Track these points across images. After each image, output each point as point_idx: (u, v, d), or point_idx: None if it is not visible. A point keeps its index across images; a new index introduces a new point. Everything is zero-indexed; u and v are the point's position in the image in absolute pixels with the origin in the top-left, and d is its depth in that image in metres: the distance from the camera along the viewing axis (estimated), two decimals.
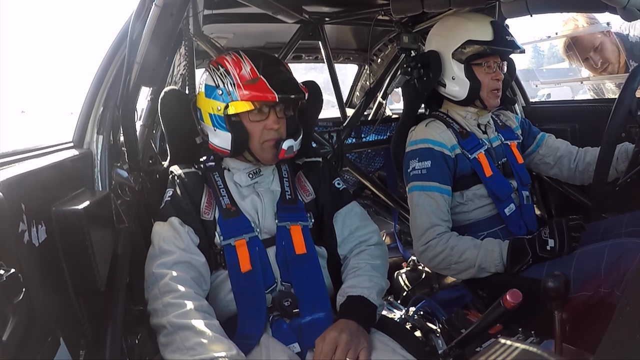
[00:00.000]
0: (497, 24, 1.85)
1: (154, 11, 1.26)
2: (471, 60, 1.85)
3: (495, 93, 1.87)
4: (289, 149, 1.43)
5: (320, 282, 1.43)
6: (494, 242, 1.73)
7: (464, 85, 1.86)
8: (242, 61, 1.41)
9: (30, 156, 1.24)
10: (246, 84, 1.37)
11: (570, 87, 3.78)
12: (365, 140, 2.69)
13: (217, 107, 1.40)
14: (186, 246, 1.34)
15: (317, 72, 3.47)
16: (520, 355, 0.72)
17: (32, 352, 0.93)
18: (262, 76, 1.36)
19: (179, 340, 1.15)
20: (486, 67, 1.85)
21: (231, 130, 1.40)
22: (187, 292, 1.24)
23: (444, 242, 1.74)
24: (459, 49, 1.85)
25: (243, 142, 1.42)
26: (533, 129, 2.14)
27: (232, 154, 1.44)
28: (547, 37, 2.86)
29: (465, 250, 1.72)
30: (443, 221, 1.78)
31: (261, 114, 1.41)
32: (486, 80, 1.85)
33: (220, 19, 2.22)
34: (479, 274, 1.72)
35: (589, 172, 1.95)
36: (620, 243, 1.53)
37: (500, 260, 1.68)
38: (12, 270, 0.83)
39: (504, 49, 1.84)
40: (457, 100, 1.92)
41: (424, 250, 1.78)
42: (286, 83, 1.40)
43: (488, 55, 1.84)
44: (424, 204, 1.79)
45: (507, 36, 1.84)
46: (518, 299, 1.27)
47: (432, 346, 1.76)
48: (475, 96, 1.87)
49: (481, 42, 1.81)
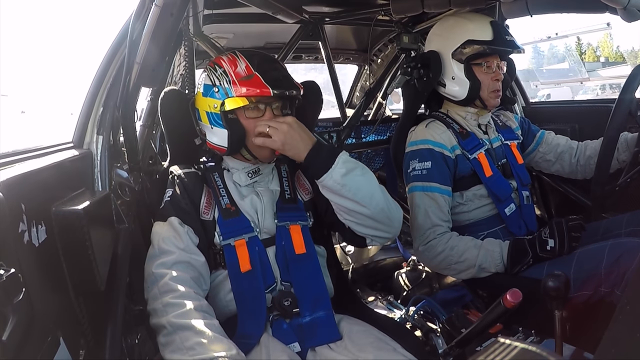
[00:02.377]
0: (496, 24, 1.85)
1: (154, 11, 1.26)
2: (471, 60, 1.85)
3: (495, 93, 1.87)
4: None
5: (320, 282, 1.43)
6: (494, 242, 1.73)
7: (464, 85, 1.86)
8: (237, 59, 1.42)
9: (31, 156, 1.25)
10: (241, 80, 1.37)
11: (570, 88, 3.79)
12: (365, 141, 2.69)
13: (214, 104, 1.41)
14: (186, 246, 1.34)
15: (317, 72, 3.47)
16: (520, 354, 0.72)
17: (32, 351, 0.93)
18: (257, 72, 1.37)
19: (178, 340, 1.15)
20: (486, 67, 1.85)
21: (228, 127, 1.40)
22: (186, 292, 1.24)
23: (444, 242, 1.74)
24: (458, 48, 1.85)
25: (240, 138, 1.42)
26: (532, 128, 2.15)
27: (229, 151, 1.44)
28: (547, 38, 2.86)
29: (466, 250, 1.72)
30: (443, 221, 1.78)
31: (257, 111, 1.41)
32: (486, 80, 1.85)
33: (220, 19, 2.22)
34: (479, 273, 1.72)
35: (590, 165, 1.96)
36: (620, 243, 1.54)
37: (501, 261, 1.69)
38: (12, 270, 0.83)
39: (503, 49, 1.84)
40: (457, 100, 1.92)
41: (425, 250, 1.78)
42: (281, 79, 1.40)
43: (488, 55, 1.84)
44: (424, 204, 1.79)
45: (507, 36, 1.84)
46: (518, 298, 1.27)
47: (432, 346, 1.76)
48: (475, 96, 1.87)
49: (481, 42, 1.81)
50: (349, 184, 1.30)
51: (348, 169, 1.30)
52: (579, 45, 38.58)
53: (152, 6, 1.25)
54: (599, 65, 30.58)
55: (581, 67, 16.36)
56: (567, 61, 17.81)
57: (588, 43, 42.15)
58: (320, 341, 1.33)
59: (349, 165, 1.31)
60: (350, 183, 1.30)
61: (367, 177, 1.35)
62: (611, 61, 35.39)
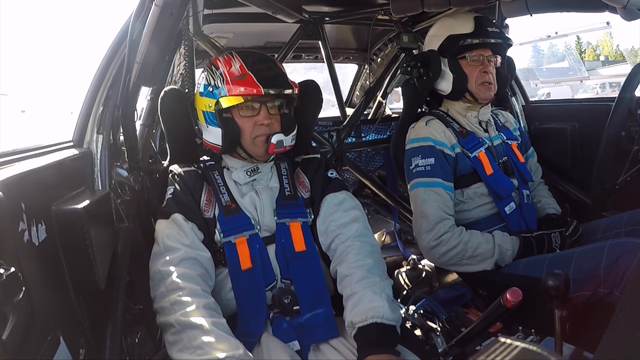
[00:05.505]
0: (480, 18, 1.88)
1: (154, 11, 1.26)
2: (456, 54, 1.87)
3: (485, 85, 1.87)
4: (278, 143, 1.44)
5: (320, 279, 1.42)
6: (505, 239, 1.75)
7: (449, 79, 1.90)
8: (232, 59, 1.45)
9: (30, 155, 1.25)
10: (234, 79, 1.40)
11: (570, 86, 3.79)
12: (365, 140, 2.69)
13: (209, 104, 1.44)
14: (191, 242, 1.34)
15: (317, 71, 3.47)
16: (520, 353, 0.72)
17: (32, 351, 0.93)
18: (250, 72, 1.40)
19: (186, 339, 1.14)
20: (471, 60, 1.86)
21: (222, 126, 1.42)
22: (194, 290, 1.24)
23: (457, 235, 1.74)
24: (442, 44, 1.90)
25: (234, 137, 1.43)
26: (526, 141, 2.17)
27: (223, 149, 1.46)
28: (547, 36, 2.87)
29: (479, 245, 1.74)
30: (451, 215, 1.79)
31: (252, 110, 1.42)
32: (473, 73, 1.87)
33: (220, 19, 2.22)
34: (487, 267, 1.74)
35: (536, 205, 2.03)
36: (620, 243, 1.54)
37: (510, 260, 1.73)
38: (12, 269, 0.83)
39: (483, 40, 1.85)
40: (445, 94, 1.94)
41: (436, 244, 1.76)
42: (273, 78, 1.42)
43: (471, 48, 1.86)
44: (430, 199, 1.79)
45: (490, 27, 1.86)
46: (518, 297, 1.27)
47: (432, 345, 1.76)
48: (463, 89, 1.89)
49: (461, 36, 1.85)
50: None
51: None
52: (578, 44, 38.61)
53: (152, 6, 1.25)
54: (599, 64, 30.56)
55: (581, 65, 16.36)
56: (567, 60, 17.80)
57: (588, 42, 42.21)
58: (319, 338, 1.33)
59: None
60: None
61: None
62: (611, 60, 35.40)
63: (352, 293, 1.30)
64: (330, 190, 1.52)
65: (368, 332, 1.23)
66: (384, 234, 2.97)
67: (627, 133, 1.90)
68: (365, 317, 1.23)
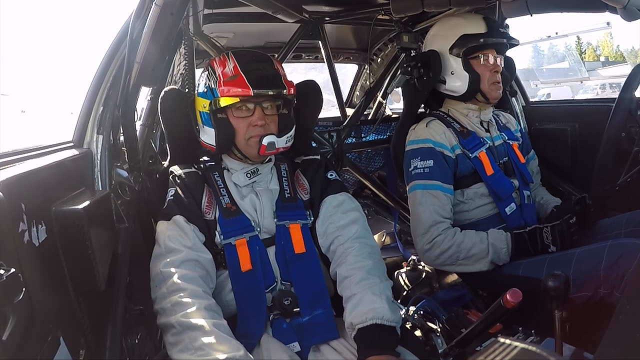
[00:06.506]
0: (489, 19, 1.89)
1: (154, 10, 1.26)
2: (468, 54, 1.87)
3: (496, 85, 1.88)
4: (269, 144, 1.42)
5: (319, 280, 1.42)
6: (499, 237, 1.74)
7: (464, 79, 1.88)
8: (227, 60, 1.44)
9: (30, 156, 1.24)
10: (226, 80, 1.40)
11: (570, 87, 3.79)
12: (365, 140, 2.69)
13: (204, 104, 1.45)
14: (193, 244, 1.34)
15: (317, 71, 3.47)
16: (520, 354, 0.72)
17: (32, 351, 0.93)
18: (242, 72, 1.39)
19: (187, 340, 1.14)
20: (483, 60, 1.87)
21: (215, 127, 1.43)
22: (195, 291, 1.24)
23: (450, 238, 1.75)
24: (455, 44, 1.88)
25: (227, 138, 1.43)
26: (527, 143, 2.17)
27: (217, 150, 1.47)
28: (547, 37, 2.87)
29: (472, 245, 1.73)
30: (446, 218, 1.79)
31: (247, 111, 1.42)
32: (485, 73, 1.87)
33: (220, 19, 2.22)
34: (484, 268, 1.74)
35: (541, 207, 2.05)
36: (619, 244, 1.53)
37: (507, 258, 1.72)
38: (12, 270, 0.83)
39: (498, 40, 1.86)
40: (458, 95, 1.93)
41: (430, 248, 1.78)
42: (265, 78, 1.41)
43: (484, 48, 1.86)
44: (427, 202, 1.79)
45: (501, 28, 1.87)
46: (518, 298, 1.27)
47: (432, 345, 1.76)
48: (476, 89, 1.88)
49: (476, 35, 1.84)
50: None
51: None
52: (579, 44, 38.63)
53: (152, 5, 1.25)
54: (599, 64, 30.59)
55: (581, 66, 16.36)
56: (567, 60, 17.82)
57: (588, 42, 42.21)
58: (319, 339, 1.33)
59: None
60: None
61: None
62: (611, 60, 35.41)
63: (351, 294, 1.30)
64: (330, 191, 1.52)
65: (368, 333, 1.23)
66: (384, 235, 2.97)
67: (627, 134, 1.90)
68: (365, 318, 1.23)
